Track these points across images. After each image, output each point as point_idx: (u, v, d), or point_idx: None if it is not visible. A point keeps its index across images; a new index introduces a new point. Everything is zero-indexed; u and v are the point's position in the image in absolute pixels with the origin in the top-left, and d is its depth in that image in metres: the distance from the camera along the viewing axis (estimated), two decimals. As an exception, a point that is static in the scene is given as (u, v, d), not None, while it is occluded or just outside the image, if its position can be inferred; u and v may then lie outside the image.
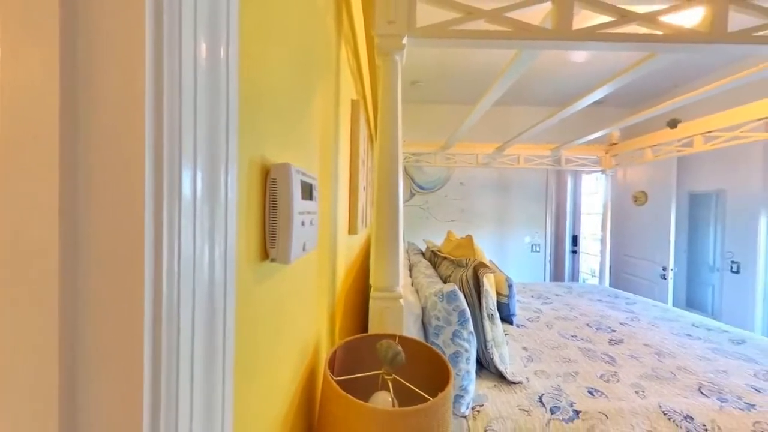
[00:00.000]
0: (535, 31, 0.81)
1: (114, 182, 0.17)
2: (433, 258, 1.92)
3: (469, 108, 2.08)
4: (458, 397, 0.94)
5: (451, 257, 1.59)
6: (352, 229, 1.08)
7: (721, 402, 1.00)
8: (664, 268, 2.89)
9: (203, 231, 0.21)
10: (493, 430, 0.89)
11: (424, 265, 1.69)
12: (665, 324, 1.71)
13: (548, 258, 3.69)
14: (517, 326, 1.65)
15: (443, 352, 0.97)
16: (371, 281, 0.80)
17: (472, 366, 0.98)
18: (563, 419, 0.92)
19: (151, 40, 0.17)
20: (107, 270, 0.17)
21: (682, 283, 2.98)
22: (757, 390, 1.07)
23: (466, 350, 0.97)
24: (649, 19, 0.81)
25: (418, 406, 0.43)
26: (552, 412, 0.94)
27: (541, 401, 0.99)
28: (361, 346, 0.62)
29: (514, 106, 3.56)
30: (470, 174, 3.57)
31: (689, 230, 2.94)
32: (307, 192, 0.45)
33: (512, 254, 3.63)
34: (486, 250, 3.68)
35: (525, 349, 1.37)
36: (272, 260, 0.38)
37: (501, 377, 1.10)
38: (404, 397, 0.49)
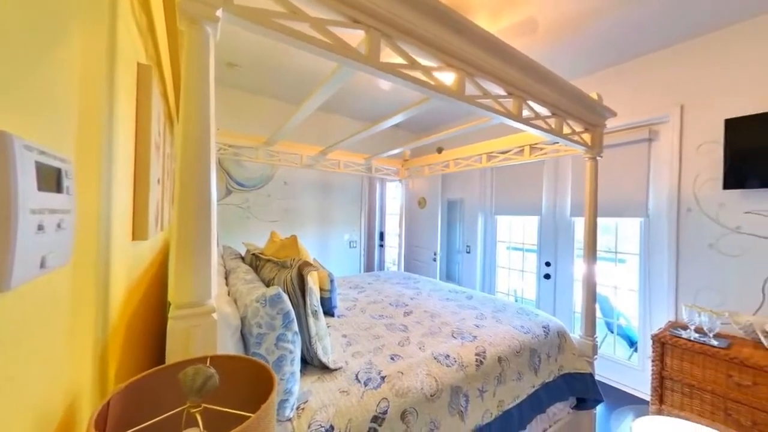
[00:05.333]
0: (352, 52, 0.91)
1: None
2: (255, 261, 1.78)
3: (294, 107, 2.05)
4: (283, 402, 0.91)
5: (275, 259, 1.53)
6: (139, 234, 0.82)
7: (462, 340, 1.50)
8: (435, 253, 4.04)
9: None
10: (317, 421, 0.93)
11: (243, 270, 1.53)
12: (435, 293, 2.37)
13: (362, 252, 4.26)
14: (338, 317, 1.80)
15: (266, 361, 0.92)
16: (170, 297, 0.64)
17: (297, 366, 0.98)
18: (373, 387, 1.08)
19: None
20: None
21: (444, 262, 4.25)
22: (477, 326, 1.68)
23: (291, 351, 0.96)
24: (427, 71, 1.10)
25: (234, 430, 0.38)
26: (365, 384, 1.09)
27: (357, 378, 1.12)
28: (155, 385, 0.48)
29: (337, 115, 3.87)
30: (295, 174, 3.57)
31: (447, 226, 4.23)
32: (52, 180, 0.31)
33: (334, 251, 3.93)
34: (310, 248, 3.79)
35: (344, 336, 1.52)
36: (-36, 290, 0.23)
37: (324, 368, 1.17)
38: (223, 424, 0.43)
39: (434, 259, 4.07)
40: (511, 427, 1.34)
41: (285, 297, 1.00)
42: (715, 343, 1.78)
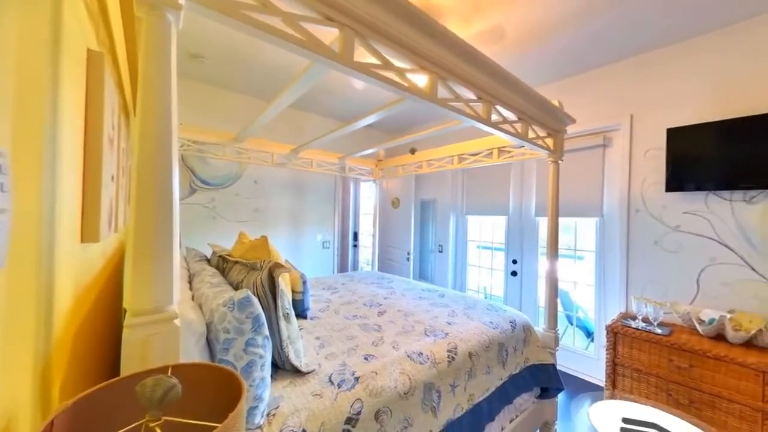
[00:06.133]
0: (324, 50, 0.90)
1: None
2: (222, 263, 1.70)
3: (264, 103, 1.96)
4: (252, 409, 0.88)
5: (244, 261, 1.47)
6: (89, 235, 0.75)
7: (435, 337, 1.53)
8: (408, 253, 4.09)
9: None
10: (288, 427, 0.90)
11: (209, 273, 1.46)
12: (409, 293, 2.40)
13: (336, 252, 4.21)
14: (311, 319, 1.77)
15: (234, 367, 0.88)
16: (126, 304, 0.60)
17: (268, 371, 0.95)
18: (347, 389, 1.07)
19: None
20: None
21: (417, 262, 4.32)
22: (449, 324, 1.72)
23: (261, 356, 0.93)
24: (400, 72, 1.11)
25: (202, 440, 0.36)
26: (339, 386, 1.08)
27: (330, 380, 1.11)
28: (110, 399, 0.45)
29: (309, 113, 3.79)
30: (266, 172, 3.45)
31: (421, 226, 4.30)
32: (-18, 176, 0.27)
33: (306, 252, 3.85)
34: (282, 249, 3.69)
35: (318, 338, 1.49)
36: None
37: (297, 372, 1.14)
38: (182, 438, 0.40)
39: (408, 259, 4.11)
40: (480, 420, 1.39)
41: (255, 300, 0.96)
42: (658, 331, 1.96)
